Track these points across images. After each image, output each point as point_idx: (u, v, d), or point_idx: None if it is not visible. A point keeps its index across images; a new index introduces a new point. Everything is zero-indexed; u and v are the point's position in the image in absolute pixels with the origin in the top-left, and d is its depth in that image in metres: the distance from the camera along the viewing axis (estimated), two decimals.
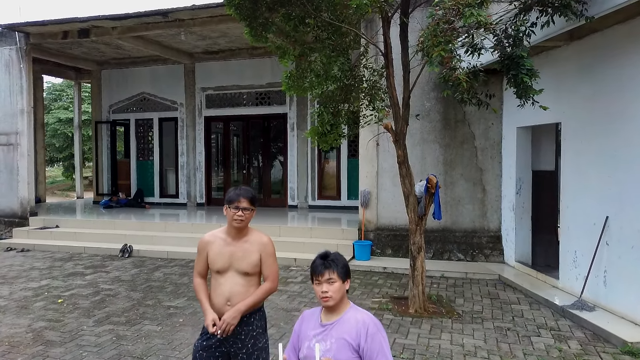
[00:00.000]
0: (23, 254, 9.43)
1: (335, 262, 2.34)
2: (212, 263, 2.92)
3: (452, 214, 8.25)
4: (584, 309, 5.53)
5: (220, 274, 2.89)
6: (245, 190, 2.90)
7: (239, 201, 2.84)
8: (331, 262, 2.33)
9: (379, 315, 5.71)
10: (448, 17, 3.98)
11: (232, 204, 2.84)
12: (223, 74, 12.81)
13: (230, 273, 2.88)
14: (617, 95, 5.42)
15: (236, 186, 2.98)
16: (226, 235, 2.93)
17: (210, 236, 2.98)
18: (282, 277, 7.42)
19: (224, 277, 2.88)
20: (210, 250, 2.92)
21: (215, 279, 2.92)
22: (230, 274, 2.88)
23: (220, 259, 2.88)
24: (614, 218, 5.43)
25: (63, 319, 5.62)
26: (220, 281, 2.89)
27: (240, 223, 2.85)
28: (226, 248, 2.89)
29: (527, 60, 4.43)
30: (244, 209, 2.83)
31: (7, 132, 11.03)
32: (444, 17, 4.01)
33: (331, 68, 5.76)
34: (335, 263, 2.34)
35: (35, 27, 10.42)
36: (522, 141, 7.56)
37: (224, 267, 2.88)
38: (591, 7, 4.69)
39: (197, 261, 3.01)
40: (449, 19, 3.98)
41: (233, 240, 2.90)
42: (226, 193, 2.95)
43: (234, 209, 2.83)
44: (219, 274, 2.89)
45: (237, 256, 2.88)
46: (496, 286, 6.96)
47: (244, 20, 5.89)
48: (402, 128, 5.65)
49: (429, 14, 4.19)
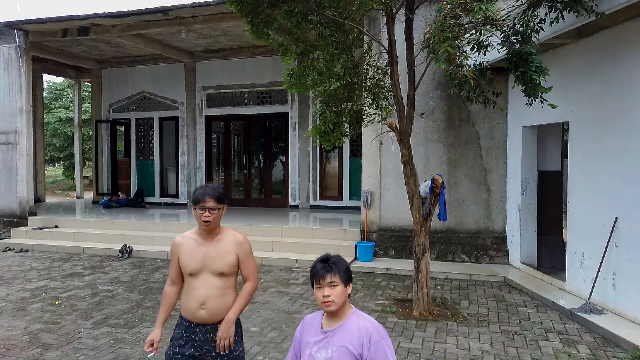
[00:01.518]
0: (21, 254, 9.32)
1: (337, 265, 2.23)
2: (184, 265, 2.77)
3: (456, 214, 8.12)
4: (593, 312, 5.41)
5: (194, 277, 2.74)
6: (211, 189, 2.75)
7: (204, 201, 2.69)
8: (332, 265, 2.22)
9: (383, 318, 5.59)
10: (456, 12, 3.86)
11: (198, 205, 2.70)
12: (224, 72, 12.70)
13: (204, 275, 2.73)
14: (627, 94, 5.29)
15: (204, 184, 2.85)
16: (198, 235, 2.79)
17: (181, 238, 2.84)
18: (284, 279, 7.30)
19: (198, 279, 2.74)
20: (182, 253, 2.78)
21: (188, 282, 2.78)
22: (205, 275, 2.73)
23: (193, 260, 2.74)
24: (623, 219, 5.31)
25: (60, 321, 5.51)
26: (195, 284, 2.74)
27: (208, 224, 2.71)
28: (199, 249, 2.75)
29: (537, 57, 4.31)
30: (211, 208, 2.69)
31: (6, 131, 10.92)
32: (452, 11, 3.89)
33: (334, 66, 5.65)
34: (337, 266, 2.23)
35: (35, 25, 10.33)
36: (528, 141, 7.43)
37: (197, 269, 2.73)
38: (602, 3, 4.57)
39: (170, 267, 2.87)
40: (456, 13, 3.86)
41: (205, 241, 2.76)
42: (193, 193, 2.81)
43: (201, 210, 2.69)
44: (192, 276, 2.74)
45: (211, 256, 2.74)
46: (501, 288, 6.84)
47: (245, 17, 5.77)
48: (406, 127, 5.53)
49: (437, 8, 4.07)
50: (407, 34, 5.28)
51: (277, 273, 7.64)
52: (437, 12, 4.02)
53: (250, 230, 9.32)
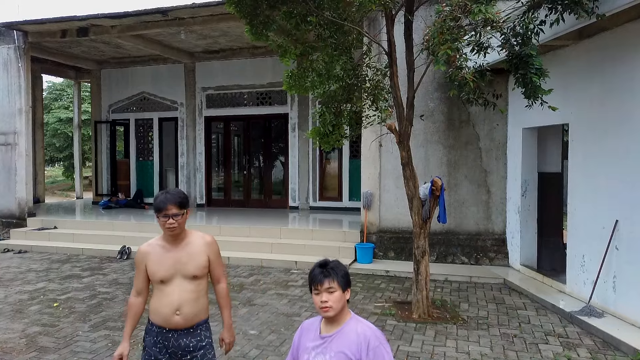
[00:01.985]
0: (20, 255, 9.30)
1: (335, 271, 2.20)
2: (153, 274, 2.70)
3: (456, 216, 8.10)
4: (593, 315, 5.38)
5: (165, 284, 2.68)
6: (172, 195, 2.68)
7: (167, 209, 2.63)
8: (331, 271, 2.19)
9: (382, 320, 5.57)
10: (455, 14, 3.83)
11: (160, 213, 2.64)
12: (224, 73, 12.67)
13: (176, 280, 2.69)
14: (628, 96, 5.27)
15: (164, 190, 2.76)
16: (165, 242, 2.74)
17: (147, 246, 2.77)
18: (283, 281, 7.28)
19: (170, 285, 2.68)
20: (149, 261, 2.71)
21: (159, 290, 2.71)
22: (177, 281, 2.69)
23: (162, 267, 2.69)
24: (624, 222, 5.28)
25: (58, 323, 5.49)
26: (167, 291, 2.68)
27: (174, 230, 2.67)
28: (167, 255, 2.70)
29: (537, 59, 4.28)
30: (174, 215, 2.64)
31: (5, 132, 10.90)
32: (451, 13, 3.86)
33: (333, 67, 5.62)
34: (335, 271, 2.20)
35: (34, 25, 10.30)
36: (528, 142, 7.41)
37: (168, 276, 2.68)
38: (603, 4, 4.54)
39: (136, 276, 2.79)
40: (456, 15, 3.83)
41: (173, 246, 2.72)
42: (154, 200, 2.73)
43: (164, 217, 2.64)
44: (164, 283, 2.69)
45: (182, 261, 2.70)
46: (501, 290, 6.81)
47: (244, 18, 5.75)
48: (406, 129, 5.51)
49: (436, 10, 4.04)
50: (407, 36, 5.26)
51: (276, 275, 7.61)
52: (437, 14, 4.00)
53: (250, 232, 9.30)
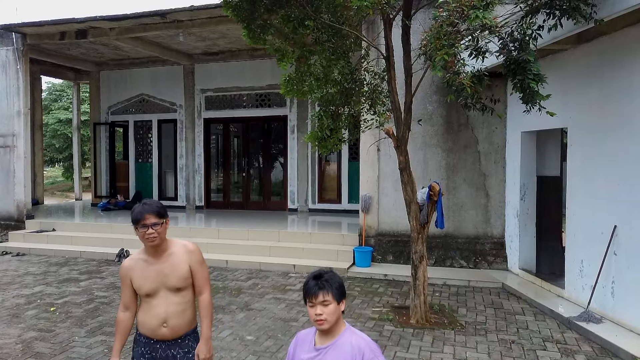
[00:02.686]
0: (18, 258, 9.28)
1: (330, 283, 2.18)
2: (139, 288, 2.69)
3: (455, 219, 8.07)
4: (591, 320, 5.36)
5: (151, 297, 2.67)
6: (149, 205, 2.65)
7: (145, 219, 2.59)
8: (325, 283, 2.17)
9: (380, 326, 5.55)
10: (452, 20, 3.81)
11: (138, 224, 2.60)
12: (223, 75, 12.66)
13: (162, 293, 2.67)
14: (626, 100, 5.25)
15: (141, 202, 2.72)
16: (147, 255, 2.70)
17: (130, 261, 2.74)
18: (281, 284, 7.26)
19: (156, 298, 2.67)
20: (134, 276, 2.69)
21: (146, 303, 2.70)
22: (162, 294, 2.67)
23: (146, 281, 2.66)
24: (622, 227, 5.26)
25: (54, 328, 5.47)
26: (153, 304, 2.67)
27: (154, 240, 2.62)
28: (150, 268, 2.67)
29: (535, 64, 4.26)
30: (153, 224, 2.60)
31: (4, 134, 10.89)
32: (448, 19, 3.84)
33: (331, 71, 5.60)
34: (330, 283, 2.18)
35: (32, 27, 10.30)
36: (527, 146, 7.39)
37: (153, 289, 2.67)
38: (601, 10, 4.51)
39: (122, 291, 2.77)
40: (452, 21, 3.81)
41: (155, 259, 2.68)
42: (132, 212, 2.69)
43: (143, 228, 2.59)
44: (150, 297, 2.68)
45: (164, 273, 2.67)
46: (500, 295, 6.79)
47: (242, 22, 5.73)
48: (404, 133, 5.48)
49: (433, 15, 4.02)
50: (405, 41, 5.24)
51: (274, 278, 7.59)
52: (434, 19, 3.97)
53: (248, 235, 9.28)
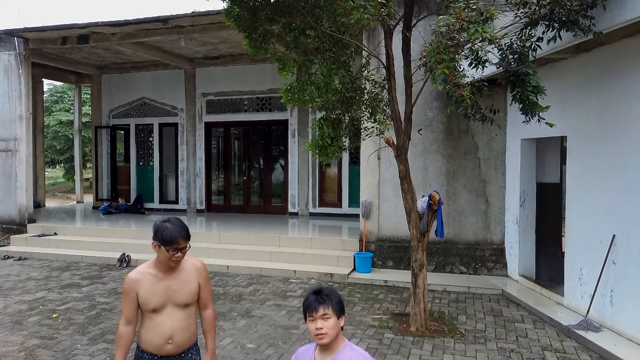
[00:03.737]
0: (20, 262, 9.32)
1: (330, 297, 2.24)
2: (145, 303, 2.67)
3: (455, 225, 8.11)
4: (590, 329, 5.39)
5: (157, 312, 2.67)
6: (180, 228, 2.63)
7: (178, 243, 2.59)
8: (325, 297, 2.23)
9: (380, 334, 5.58)
10: (451, 35, 3.85)
11: (170, 246, 2.59)
12: (224, 79, 12.70)
13: (168, 309, 2.68)
14: (625, 110, 5.28)
15: (165, 220, 2.68)
16: (156, 270, 2.70)
17: (138, 274, 2.71)
18: (281, 291, 7.29)
19: (162, 314, 2.67)
20: (141, 290, 2.66)
21: (150, 319, 2.69)
22: (169, 309, 2.68)
23: (155, 296, 2.66)
24: (621, 237, 5.29)
25: (57, 335, 5.51)
26: (158, 320, 2.67)
27: (179, 263, 2.67)
28: (159, 284, 2.67)
29: (534, 77, 4.30)
30: (183, 248, 2.62)
31: (6, 138, 10.93)
32: (448, 34, 3.88)
33: (332, 80, 5.63)
34: (330, 298, 2.24)
35: (34, 32, 10.33)
36: (527, 153, 7.42)
37: (160, 304, 2.66)
38: (599, 22, 4.54)
39: (125, 304, 2.70)
40: (452, 36, 3.85)
41: (165, 274, 2.69)
42: (156, 229, 2.63)
43: (173, 251, 2.59)
44: (155, 312, 2.67)
45: (173, 289, 2.68)
46: (499, 302, 6.82)
47: (243, 31, 5.77)
48: (404, 143, 5.52)
49: (433, 30, 4.06)
50: (405, 52, 5.27)
51: (275, 284, 7.63)
52: (433, 34, 4.01)
53: (249, 239, 9.32)
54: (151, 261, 2.75)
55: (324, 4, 5.78)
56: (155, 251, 2.66)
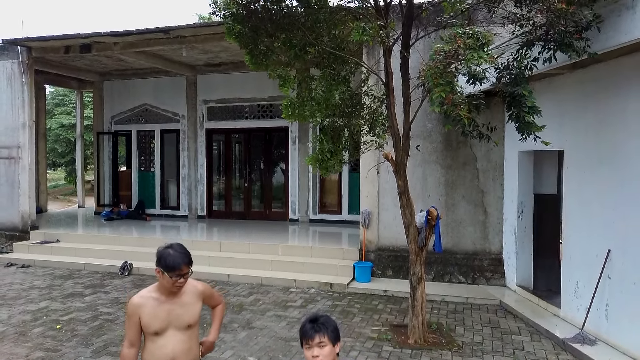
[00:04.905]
0: (23, 270, 9.42)
1: (326, 326, 2.34)
2: (147, 326, 2.73)
3: (454, 235, 8.19)
4: (585, 342, 5.47)
5: (159, 335, 2.74)
6: (183, 255, 2.72)
7: (181, 269, 2.68)
8: (321, 326, 2.34)
9: (379, 346, 5.67)
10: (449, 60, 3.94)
11: (173, 272, 2.67)
12: (225, 86, 12.79)
13: (170, 332, 2.75)
14: (620, 127, 5.36)
15: (168, 246, 2.78)
16: (159, 294, 2.78)
17: (140, 298, 2.79)
18: (282, 300, 7.38)
19: (164, 337, 2.75)
20: (143, 314, 2.73)
21: (152, 342, 2.76)
22: (171, 332, 2.76)
23: (157, 320, 2.73)
24: (616, 252, 5.37)
25: (61, 348, 5.59)
26: (160, 343, 2.74)
27: (180, 289, 2.76)
28: (161, 307, 2.74)
29: (529, 98, 4.39)
30: (186, 274, 2.71)
31: (9, 146, 11.03)
32: (445, 60, 3.97)
33: (332, 96, 5.73)
34: (325, 326, 2.34)
35: (37, 42, 10.43)
36: (524, 165, 7.50)
37: (162, 328, 2.74)
38: (594, 44, 4.63)
39: (128, 327, 2.78)
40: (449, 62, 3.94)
41: (167, 298, 2.76)
42: (160, 256, 2.72)
43: (176, 277, 2.68)
44: (158, 335, 2.74)
45: (176, 313, 2.76)
46: (497, 313, 6.91)
47: (244, 47, 5.86)
48: (402, 159, 5.61)
49: (430, 56, 4.15)
50: (403, 71, 5.36)
51: (275, 294, 7.71)
52: (431, 59, 4.10)
53: (250, 248, 9.40)
54: (154, 285, 2.84)
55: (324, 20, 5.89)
56: (158, 277, 2.75)
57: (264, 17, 5.54)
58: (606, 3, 4.43)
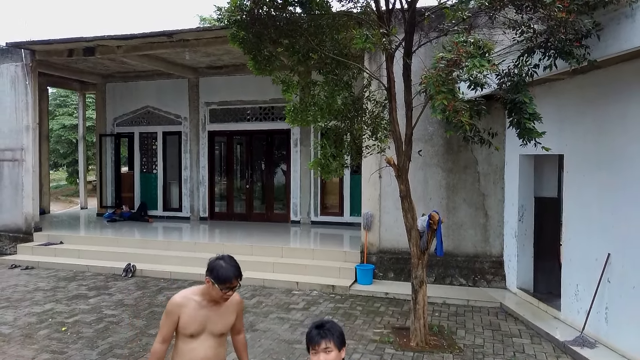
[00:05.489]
0: (27, 271, 9.49)
1: (331, 331, 2.41)
2: (184, 327, 2.79)
3: (455, 238, 8.26)
4: (585, 345, 5.54)
5: (193, 338, 2.80)
6: (235, 268, 2.76)
7: (232, 282, 2.74)
8: (327, 332, 2.40)
9: (381, 348, 5.73)
10: (450, 69, 4.00)
11: (225, 285, 2.72)
12: (227, 88, 12.86)
13: (203, 336, 2.82)
14: (620, 132, 5.42)
15: (219, 257, 2.81)
16: (201, 298, 2.84)
17: (183, 298, 2.84)
18: (284, 303, 7.44)
19: (197, 340, 2.81)
20: (183, 314, 2.79)
21: (185, 343, 2.82)
22: (204, 337, 2.82)
23: (194, 323, 2.79)
24: (615, 256, 5.44)
25: (67, 350, 5.66)
26: (192, 345, 2.80)
27: (227, 300, 2.83)
28: (200, 311, 2.81)
29: (530, 105, 4.45)
30: (235, 287, 2.78)
31: (12, 148, 11.10)
32: (447, 68, 4.03)
33: (334, 101, 5.80)
34: (331, 332, 2.40)
35: (41, 45, 10.50)
36: (525, 168, 7.56)
37: (197, 331, 2.80)
38: (594, 51, 4.69)
39: (165, 324, 2.83)
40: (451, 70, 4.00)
41: (208, 304, 2.83)
42: (212, 268, 2.75)
43: (226, 289, 2.73)
44: (192, 337, 2.80)
45: (212, 320, 2.83)
46: (498, 315, 6.97)
47: (248, 53, 5.93)
48: (404, 164, 5.67)
49: (432, 64, 4.21)
50: (405, 77, 5.43)
51: (277, 296, 7.78)
52: (433, 68, 4.17)
53: (252, 250, 9.47)
54: (198, 288, 2.88)
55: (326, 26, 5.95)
56: (207, 286, 2.79)
57: (267, 24, 5.60)
58: (606, 11, 4.49)
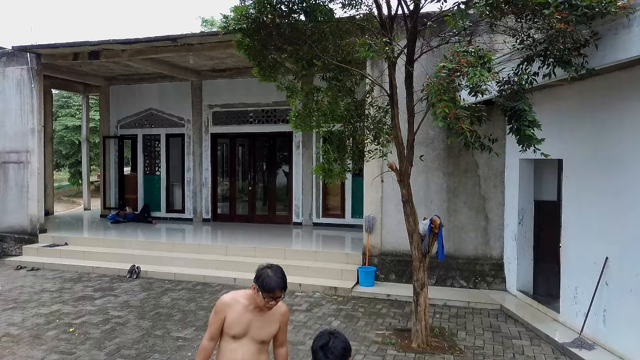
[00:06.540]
0: (33, 273, 9.60)
1: (335, 354, 2.37)
2: (228, 327, 2.88)
3: (455, 241, 8.37)
4: (584, 347, 5.64)
5: (235, 340, 2.87)
6: (282, 280, 2.80)
7: (275, 292, 2.77)
8: (330, 356, 2.36)
9: (383, 350, 5.84)
10: (452, 78, 4.11)
11: (269, 294, 2.76)
12: (230, 91, 12.98)
13: (245, 340, 2.87)
14: (617, 138, 5.53)
15: (268, 266, 2.85)
16: (248, 302, 2.89)
17: (231, 299, 2.92)
18: (288, 305, 7.49)
19: (239, 343, 2.87)
20: (229, 315, 2.87)
21: (227, 343, 2.90)
22: (246, 340, 2.87)
23: (238, 325, 2.86)
24: (613, 260, 5.54)
25: (75, 351, 5.78)
26: (233, 346, 2.87)
27: (270, 309, 2.87)
28: (246, 315, 2.86)
29: (529, 113, 4.56)
30: (278, 297, 2.81)
31: (18, 151, 11.23)
32: (448, 77, 4.14)
33: (338, 107, 5.91)
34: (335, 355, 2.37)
35: (47, 49, 10.62)
36: (525, 172, 7.67)
37: (240, 334, 2.86)
38: (592, 60, 4.80)
39: (213, 322, 2.93)
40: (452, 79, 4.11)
41: (254, 309, 2.88)
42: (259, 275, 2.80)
43: (269, 298, 2.77)
44: (234, 339, 2.87)
45: (255, 325, 2.88)
46: (498, 317, 7.08)
47: (253, 60, 6.04)
48: (406, 169, 5.78)
49: (434, 74, 4.32)
50: (407, 84, 5.54)
51: None
52: (435, 77, 4.27)
53: (255, 252, 9.58)
54: (246, 292, 2.94)
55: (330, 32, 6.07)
56: (253, 292, 2.85)
57: (272, 31, 5.72)
58: (603, 21, 4.60)
